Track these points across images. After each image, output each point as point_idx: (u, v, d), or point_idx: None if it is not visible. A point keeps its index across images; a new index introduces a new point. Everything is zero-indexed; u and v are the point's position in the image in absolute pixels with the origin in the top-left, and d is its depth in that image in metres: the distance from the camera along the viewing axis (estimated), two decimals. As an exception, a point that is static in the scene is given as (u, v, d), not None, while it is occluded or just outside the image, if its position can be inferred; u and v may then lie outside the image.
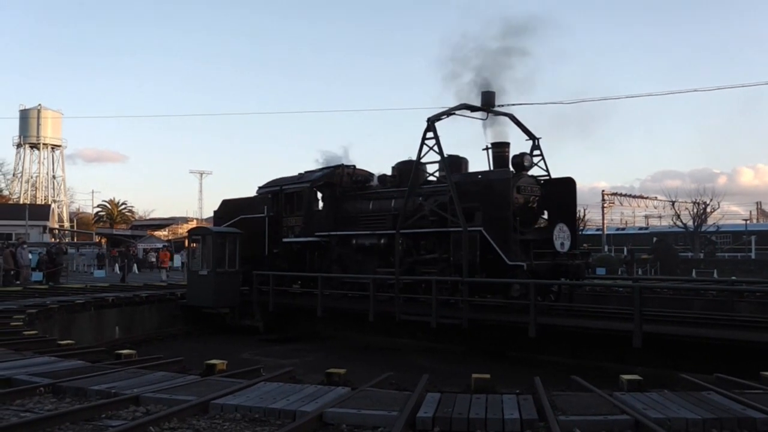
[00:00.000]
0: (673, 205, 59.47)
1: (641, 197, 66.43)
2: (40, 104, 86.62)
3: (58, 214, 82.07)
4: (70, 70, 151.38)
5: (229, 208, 27.16)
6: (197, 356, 12.92)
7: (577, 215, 19.98)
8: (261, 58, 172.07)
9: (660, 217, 67.04)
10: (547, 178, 20.30)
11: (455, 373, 11.68)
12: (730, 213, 71.55)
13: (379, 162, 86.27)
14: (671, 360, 14.49)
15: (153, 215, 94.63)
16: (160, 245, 55.20)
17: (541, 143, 21.07)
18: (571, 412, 7.17)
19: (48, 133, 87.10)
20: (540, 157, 21.04)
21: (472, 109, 20.87)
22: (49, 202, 79.99)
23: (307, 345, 21.51)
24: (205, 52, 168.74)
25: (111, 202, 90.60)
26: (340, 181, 23.85)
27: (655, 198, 65.94)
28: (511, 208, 17.95)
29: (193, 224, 61.85)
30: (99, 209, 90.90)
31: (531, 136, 21.57)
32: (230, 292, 24.05)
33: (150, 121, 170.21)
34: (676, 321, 15.58)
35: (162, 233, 74.02)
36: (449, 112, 20.59)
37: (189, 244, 28.08)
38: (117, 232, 70.33)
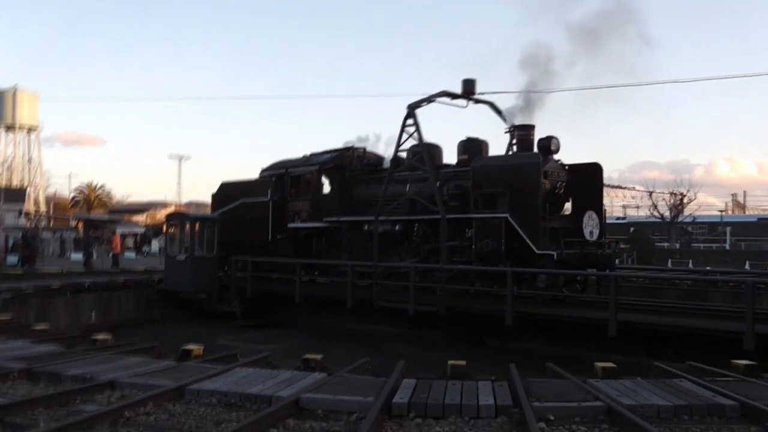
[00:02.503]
0: (650, 195, 59.85)
1: (619, 187, 66.75)
2: (16, 85, 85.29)
3: (34, 198, 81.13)
4: (48, 51, 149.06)
5: (228, 192, 26.12)
6: (174, 341, 12.87)
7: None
8: (245, 41, 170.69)
9: (638, 207, 67.36)
10: (572, 163, 19.00)
11: (433, 359, 11.74)
12: (706, 204, 72.19)
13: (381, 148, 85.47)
14: (646, 348, 14.61)
15: (131, 200, 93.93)
16: (138, 230, 54.82)
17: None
18: (545, 398, 7.25)
19: (24, 114, 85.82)
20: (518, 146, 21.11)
21: (453, 96, 20.86)
22: (25, 186, 78.96)
23: (285, 331, 21.50)
24: (187, 35, 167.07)
25: (88, 186, 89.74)
26: (350, 163, 23.01)
27: (633, 188, 66.30)
28: (540, 194, 17.16)
29: (171, 209, 61.38)
30: (76, 193, 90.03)
31: (511, 123, 21.62)
32: (208, 278, 23.96)
33: (130, 104, 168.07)
34: (651, 310, 15.73)
35: (140, 218, 73.56)
36: (430, 99, 20.55)
37: (166, 229, 27.82)
38: (94, 216, 69.66)
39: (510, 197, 17.41)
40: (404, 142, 20.44)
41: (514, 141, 19.46)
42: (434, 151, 21.25)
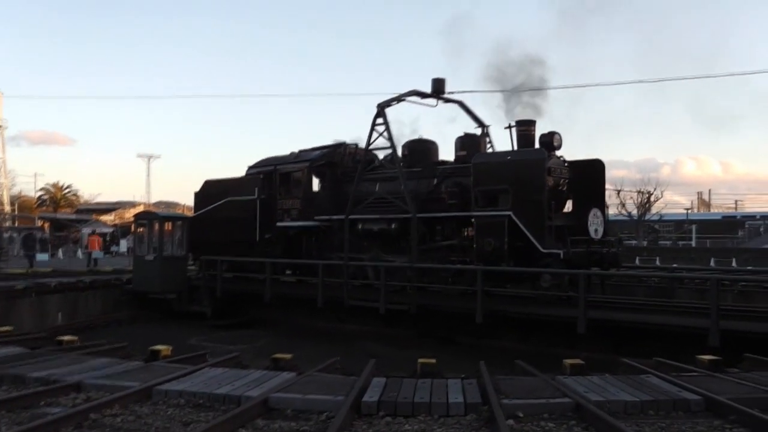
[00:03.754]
0: (618, 194, 60.50)
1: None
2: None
3: (-1, 197, 79.70)
4: (14, 48, 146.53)
5: (213, 190, 25.37)
6: (143, 342, 12.73)
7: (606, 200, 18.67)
8: (218, 40, 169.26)
9: (607, 206, 68.07)
10: (573, 159, 18.44)
11: (404, 358, 11.74)
12: (673, 202, 73.18)
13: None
14: (614, 345, 14.75)
15: (99, 199, 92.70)
16: (106, 230, 54.20)
17: (493, 130, 21.15)
18: (514, 395, 7.29)
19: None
20: (489, 144, 21.30)
21: (423, 95, 20.93)
22: (-13, 185, 77.57)
23: (255, 331, 21.36)
24: (159, 34, 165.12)
25: (55, 185, 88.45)
26: (341, 160, 22.46)
27: (602, 187, 66.79)
28: (545, 191, 16.71)
29: (140, 209, 60.76)
30: (42, 192, 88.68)
31: (480, 123, 21.82)
32: (177, 278, 23.75)
33: (101, 103, 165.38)
34: (619, 307, 15.85)
35: (108, 217, 72.64)
36: (400, 99, 20.60)
37: (135, 228, 27.52)
38: (60, 216, 68.74)
39: (513, 194, 16.95)
40: (374, 141, 20.44)
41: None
42: (429, 146, 21.00)
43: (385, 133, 20.28)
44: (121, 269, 26.98)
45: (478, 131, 21.30)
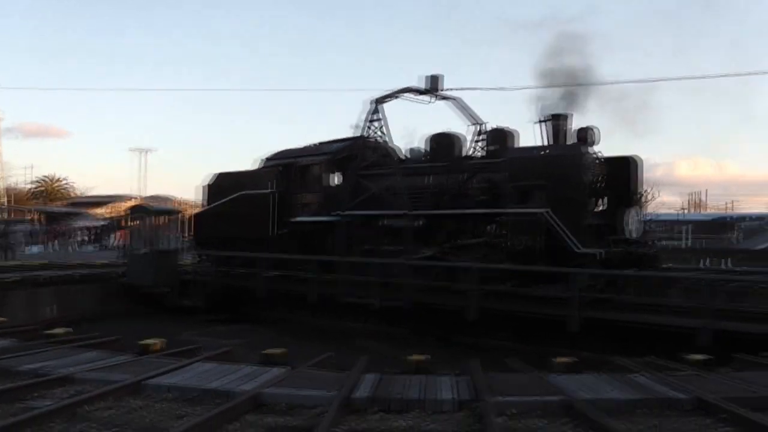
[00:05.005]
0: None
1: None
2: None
3: (-8, 190, 79.32)
4: (9, 39, 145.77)
5: (226, 183, 24.44)
6: (136, 336, 12.64)
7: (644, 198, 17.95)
8: (218, 35, 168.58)
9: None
10: (608, 156, 17.78)
11: (398, 355, 11.73)
12: (667, 203, 73.21)
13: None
14: (607, 343, 14.72)
15: (93, 192, 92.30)
16: (99, 223, 54.10)
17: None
18: (506, 392, 7.30)
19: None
20: (485, 142, 21.23)
21: (418, 92, 20.90)
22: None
23: (248, 326, 21.30)
24: (159, 26, 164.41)
25: (48, 177, 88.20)
26: (362, 154, 21.13)
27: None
28: (584, 188, 16.29)
29: (134, 202, 60.57)
30: (36, 185, 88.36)
31: (477, 120, 21.75)
32: (170, 272, 23.73)
33: (97, 95, 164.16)
34: (612, 306, 15.83)
35: (102, 211, 72.37)
36: (395, 95, 20.55)
37: (129, 222, 27.46)
38: (53, 209, 68.49)
39: (549, 191, 16.35)
40: (370, 136, 20.43)
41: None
42: (455, 141, 20.32)
43: (383, 129, 20.26)
44: (112, 262, 26.86)
45: (509, 125, 20.23)
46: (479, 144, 20.89)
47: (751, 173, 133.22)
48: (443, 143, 20.03)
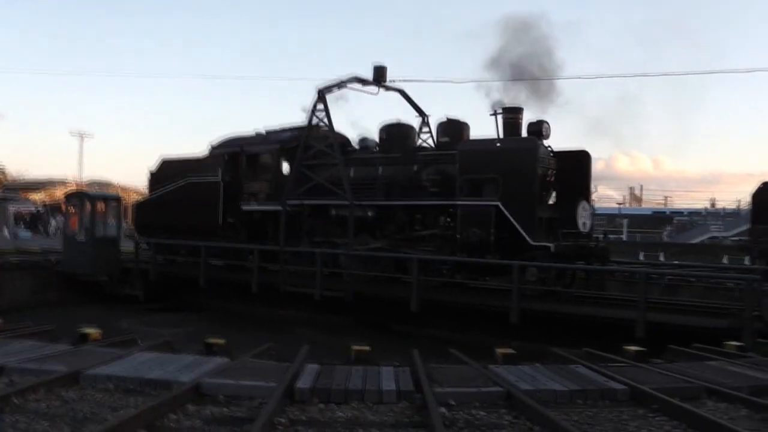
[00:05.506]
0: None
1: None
2: None
3: None
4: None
5: (171, 169, 23.94)
6: (73, 325, 12.39)
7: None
8: (160, 19, 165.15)
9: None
10: (558, 150, 17.82)
11: (339, 345, 11.74)
12: (606, 197, 74.75)
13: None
14: (545, 335, 14.98)
15: (28, 177, 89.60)
16: (34, 208, 52.59)
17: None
18: (446, 383, 7.36)
19: None
20: (428, 134, 21.40)
21: (364, 82, 20.85)
22: None
23: (189, 315, 21.11)
24: (101, 7, 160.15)
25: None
26: (308, 143, 20.67)
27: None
28: (536, 182, 16.26)
29: (71, 187, 59.04)
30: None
31: (421, 112, 21.89)
32: (109, 260, 23.30)
33: (32, 78, 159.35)
34: (551, 298, 16.11)
35: (37, 196, 70.39)
36: (340, 85, 20.45)
37: (66, 208, 26.76)
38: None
39: (501, 184, 16.37)
40: (314, 126, 20.33)
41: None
42: (408, 131, 20.33)
43: (325, 119, 20.11)
44: (48, 249, 26.16)
45: (461, 117, 19.83)
46: (423, 135, 21.23)
47: (687, 170, 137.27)
48: (395, 133, 19.91)
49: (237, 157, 22.35)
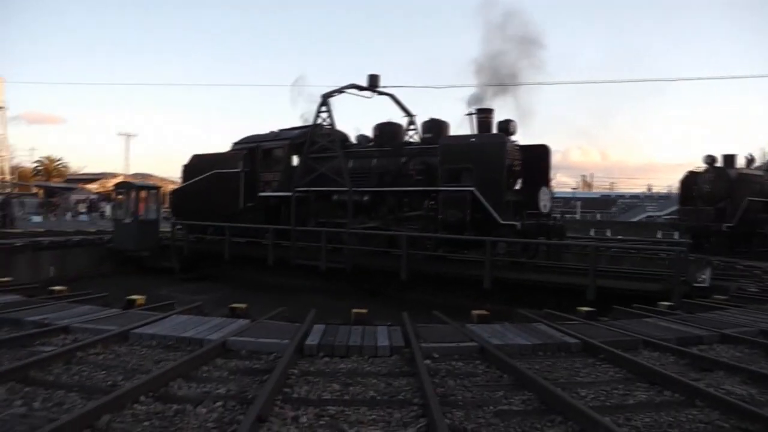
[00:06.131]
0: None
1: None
2: (-17, 69, 78.96)
3: (0, 168, 76.01)
4: (11, 34, 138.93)
5: (200, 163, 23.98)
6: (121, 292, 12.34)
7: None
8: (193, 27, 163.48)
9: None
10: (523, 144, 17.84)
11: (340, 308, 11.71)
12: (562, 183, 74.98)
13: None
14: (513, 298, 15.01)
15: (86, 171, 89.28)
16: (91, 196, 52.47)
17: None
18: (431, 340, 7.36)
19: (-9, 96, 79.70)
20: (415, 131, 21.34)
21: (360, 88, 20.76)
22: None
23: (216, 284, 21.04)
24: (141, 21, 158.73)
25: (48, 158, 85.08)
26: (313, 139, 20.68)
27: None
28: (504, 171, 16.37)
29: (120, 179, 58.89)
30: (37, 164, 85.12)
31: (408, 113, 21.82)
32: (150, 238, 23.26)
33: (88, 88, 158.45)
34: (517, 268, 16.11)
35: (93, 186, 70.11)
36: (341, 90, 20.37)
37: (115, 196, 26.73)
38: (53, 184, 66.23)
39: (477, 173, 16.53)
40: (319, 125, 20.27)
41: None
42: (397, 128, 20.47)
43: (328, 120, 20.06)
44: (103, 230, 26.08)
45: (443, 117, 20.20)
46: (410, 133, 21.17)
47: (629, 160, 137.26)
48: (387, 131, 20.07)
49: (254, 152, 22.52)
